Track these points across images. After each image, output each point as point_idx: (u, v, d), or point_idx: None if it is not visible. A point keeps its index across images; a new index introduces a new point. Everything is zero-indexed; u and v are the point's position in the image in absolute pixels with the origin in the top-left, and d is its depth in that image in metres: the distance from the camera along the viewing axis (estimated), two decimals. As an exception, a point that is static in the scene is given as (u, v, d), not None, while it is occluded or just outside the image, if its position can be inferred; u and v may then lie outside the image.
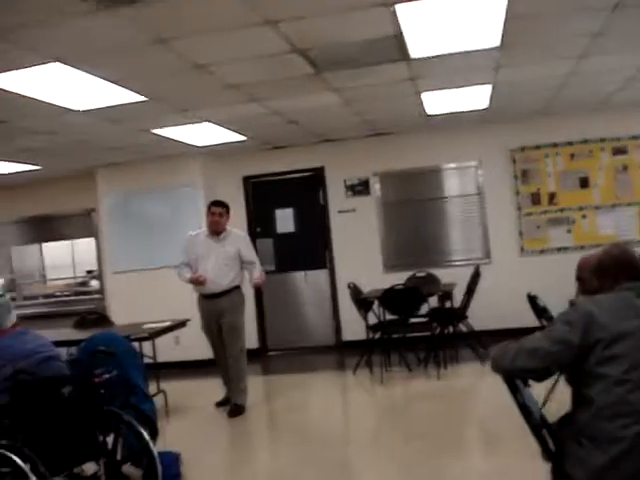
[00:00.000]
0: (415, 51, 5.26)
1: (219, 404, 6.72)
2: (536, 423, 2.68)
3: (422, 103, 7.21)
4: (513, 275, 8.80)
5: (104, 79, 5.09)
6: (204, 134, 7.73)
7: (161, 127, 7.17)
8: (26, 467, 3.38)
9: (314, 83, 5.88)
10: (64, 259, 12.72)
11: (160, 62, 4.86)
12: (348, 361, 8.52)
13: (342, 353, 9.24)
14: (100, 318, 7.44)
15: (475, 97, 7.23)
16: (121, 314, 8.04)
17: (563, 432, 2.74)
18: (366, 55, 5.24)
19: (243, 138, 8.24)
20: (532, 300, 5.28)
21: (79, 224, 10.57)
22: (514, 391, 2.68)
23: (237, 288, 6.58)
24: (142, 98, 5.74)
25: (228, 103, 6.32)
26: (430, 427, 5.73)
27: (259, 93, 6.08)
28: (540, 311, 5.12)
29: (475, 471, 4.71)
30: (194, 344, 7.69)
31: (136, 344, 5.79)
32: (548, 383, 3.14)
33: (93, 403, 3.96)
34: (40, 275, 12.84)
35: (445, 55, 5.45)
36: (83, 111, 5.97)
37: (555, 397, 3.98)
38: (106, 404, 4.05)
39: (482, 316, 8.17)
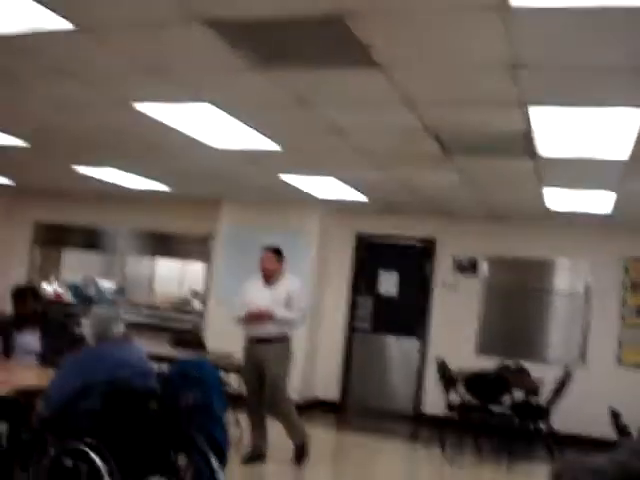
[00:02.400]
0: (543, 150, 5.40)
1: (245, 461, 6.37)
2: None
3: (542, 196, 7.29)
4: (605, 384, 8.60)
5: (248, 125, 5.48)
6: (326, 187, 8.06)
7: (289, 174, 7.54)
8: (103, 468, 3.67)
9: (439, 162, 6.11)
10: (173, 276, 13.33)
11: (301, 120, 5.22)
12: (422, 434, 8.55)
13: (418, 425, 9.24)
14: (195, 341, 7.81)
15: (598, 202, 7.23)
16: (214, 339, 8.33)
17: None
18: (495, 146, 5.43)
19: (364, 198, 8.51)
20: (615, 416, 5.24)
21: (194, 247, 11.02)
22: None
23: (285, 339, 6.49)
24: (278, 148, 6.11)
25: (354, 166, 6.63)
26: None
27: (386, 162, 6.36)
28: (620, 429, 5.07)
29: None
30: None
31: (222, 373, 6.04)
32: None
33: (174, 423, 4.23)
34: (149, 287, 13.50)
35: (572, 159, 5.57)
36: (220, 149, 6.40)
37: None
38: (185, 426, 4.31)
39: (566, 419, 8.02)
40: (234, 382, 6.98)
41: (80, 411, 3.99)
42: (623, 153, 5.29)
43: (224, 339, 8.09)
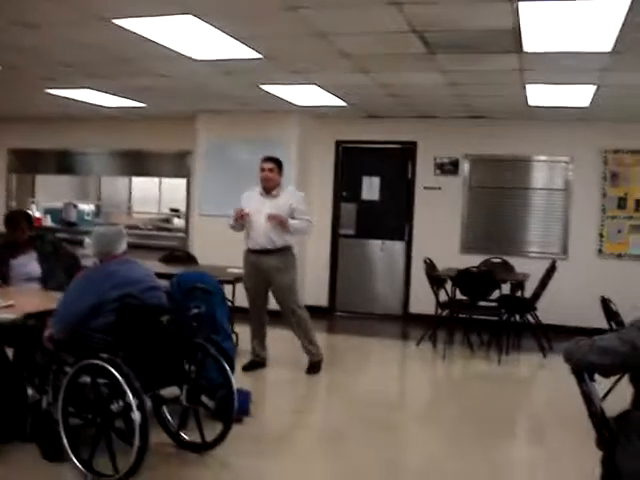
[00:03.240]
0: (529, 45, 5.39)
1: (245, 368, 6.49)
2: (596, 412, 2.89)
3: (526, 94, 7.31)
4: (588, 275, 8.88)
5: (229, 35, 5.38)
6: (307, 95, 8.00)
7: (269, 84, 7.46)
8: (122, 380, 3.76)
9: (424, 62, 6.06)
10: (151, 195, 13.28)
11: (286, 26, 5.13)
12: (412, 333, 8.80)
13: (407, 324, 9.51)
14: (187, 256, 7.87)
15: (578, 95, 7.27)
16: (202, 255, 8.35)
17: (619, 426, 2.95)
18: (481, 43, 5.40)
19: (343, 104, 8.47)
20: (605, 303, 5.42)
21: (172, 164, 10.95)
22: (580, 381, 2.89)
23: (288, 248, 6.53)
24: (259, 56, 6.03)
25: (339, 70, 6.55)
26: (484, 407, 5.96)
27: (370, 65, 6.31)
28: (611, 314, 5.27)
29: (524, 455, 4.93)
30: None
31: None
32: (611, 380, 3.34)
33: (185, 334, 4.33)
34: (126, 207, 13.45)
35: (557, 53, 5.57)
36: (201, 60, 6.29)
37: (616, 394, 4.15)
38: (195, 336, 4.42)
39: (550, 310, 8.27)
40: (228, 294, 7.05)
41: (94, 329, 4.06)
42: (606, 44, 5.30)
43: (210, 254, 8.13)
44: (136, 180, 13.18)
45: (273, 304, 6.75)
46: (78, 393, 4.01)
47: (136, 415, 3.69)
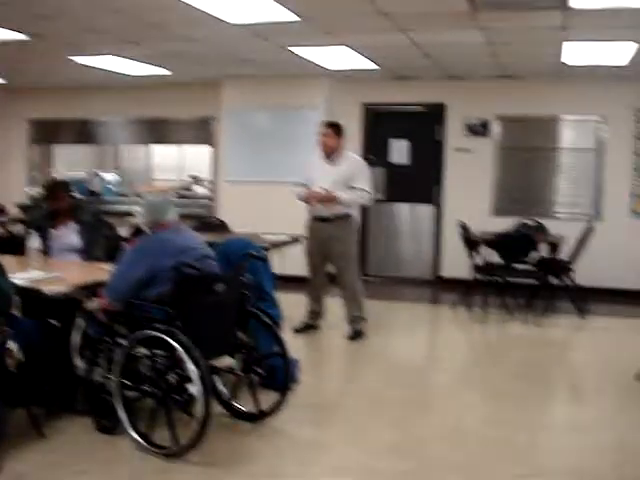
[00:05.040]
0: (575, 1, 5.24)
1: (297, 330, 6.63)
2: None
3: (561, 52, 7.14)
4: (622, 235, 8.79)
5: (267, -4, 5.26)
6: (337, 58, 7.85)
7: (299, 46, 7.31)
8: (182, 350, 3.71)
9: (465, 20, 5.90)
10: (171, 163, 13.16)
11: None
12: (444, 297, 8.75)
13: (438, 289, 9.44)
14: (220, 224, 7.78)
15: (617, 53, 7.11)
16: (229, 222, 8.22)
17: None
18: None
19: (373, 66, 8.31)
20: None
21: (193, 130, 10.82)
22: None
23: (349, 217, 6.52)
24: (297, 18, 5.88)
25: (375, 30, 6.40)
26: (525, 370, 5.93)
27: (409, 25, 6.15)
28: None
29: (570, 417, 4.87)
30: (300, 261, 7.91)
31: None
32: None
33: (238, 302, 4.27)
34: (147, 175, 13.34)
35: (602, 10, 5.41)
36: (237, 24, 6.16)
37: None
38: (247, 305, 4.35)
39: (585, 272, 8.17)
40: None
41: (149, 300, 4.00)
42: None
43: (238, 220, 8.02)
44: (156, 148, 13.08)
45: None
46: (134, 365, 3.97)
47: (198, 385, 3.65)
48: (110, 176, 11.75)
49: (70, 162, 12.40)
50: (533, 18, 5.78)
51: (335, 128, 6.54)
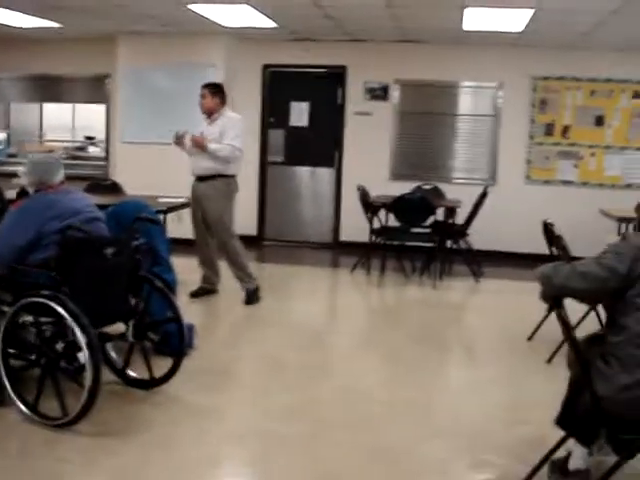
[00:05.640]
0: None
1: (193, 295, 6.58)
2: (573, 336, 2.89)
3: (462, 18, 7.17)
4: (516, 201, 9.02)
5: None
6: (236, 16, 7.64)
7: (197, 3, 7.07)
8: (69, 317, 3.54)
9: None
10: (64, 122, 12.65)
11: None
12: (344, 261, 8.78)
13: (338, 253, 9.46)
14: (113, 186, 7.51)
15: (514, 19, 7.20)
16: (125, 184, 7.96)
17: (592, 349, 2.97)
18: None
19: (273, 25, 8.13)
20: (547, 227, 5.45)
21: (87, 88, 10.41)
22: (558, 306, 2.86)
23: (221, 176, 6.40)
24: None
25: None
26: (422, 332, 6.04)
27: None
28: (554, 239, 5.29)
29: (471, 379, 4.96)
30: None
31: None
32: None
33: (130, 266, 4.11)
34: (38, 134, 12.78)
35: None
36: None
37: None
38: (139, 269, 4.21)
39: (480, 236, 8.35)
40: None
41: (34, 264, 3.80)
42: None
43: (135, 183, 7.78)
44: (48, 106, 12.54)
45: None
46: (19, 333, 3.78)
47: (86, 353, 3.50)
48: (-1, 134, 11.18)
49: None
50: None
51: (211, 88, 6.51)
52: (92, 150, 11.64)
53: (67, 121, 12.74)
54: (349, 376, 4.85)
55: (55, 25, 8.61)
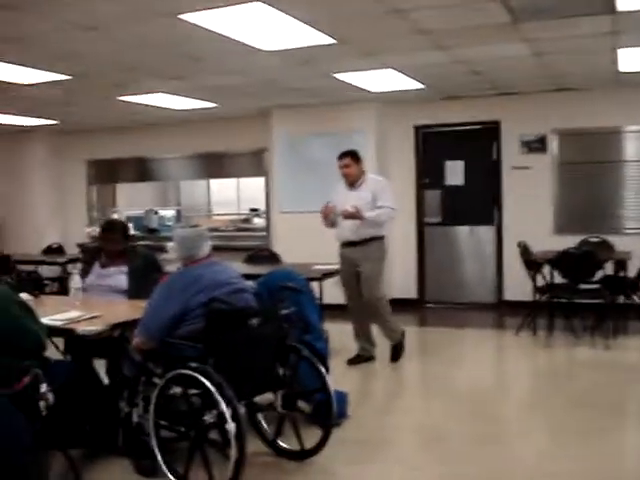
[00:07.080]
0: (623, 3, 4.96)
1: (350, 362, 6.53)
2: None
3: (616, 59, 6.83)
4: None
5: (298, 19, 5.15)
6: (382, 80, 7.72)
7: (342, 72, 7.22)
8: (214, 389, 3.55)
9: (507, 33, 5.70)
10: (229, 196, 13.25)
11: (359, 5, 4.86)
12: (509, 322, 8.40)
13: (502, 313, 9.09)
14: (270, 255, 7.67)
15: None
16: (285, 253, 8.13)
17: None
18: (569, 6, 5.00)
19: (421, 86, 8.12)
20: None
21: (249, 163, 10.83)
22: None
23: (375, 239, 6.41)
24: (331, 41, 5.78)
25: (415, 49, 6.25)
26: (595, 396, 5.54)
27: (449, 40, 5.96)
28: None
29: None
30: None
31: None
32: None
33: (277, 336, 4.10)
34: (206, 210, 13.46)
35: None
36: (271, 51, 6.10)
37: None
38: (287, 339, 4.19)
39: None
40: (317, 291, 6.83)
41: (182, 337, 3.87)
42: None
43: (294, 251, 7.96)
44: (214, 182, 13.18)
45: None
46: (169, 405, 3.84)
47: (231, 425, 3.48)
48: (167, 212, 11.83)
49: (132, 200, 12.56)
50: (578, 26, 5.52)
51: (353, 156, 6.55)
52: (256, 221, 12.05)
53: (232, 195, 13.36)
54: (507, 446, 4.53)
55: (212, 105, 9.05)
